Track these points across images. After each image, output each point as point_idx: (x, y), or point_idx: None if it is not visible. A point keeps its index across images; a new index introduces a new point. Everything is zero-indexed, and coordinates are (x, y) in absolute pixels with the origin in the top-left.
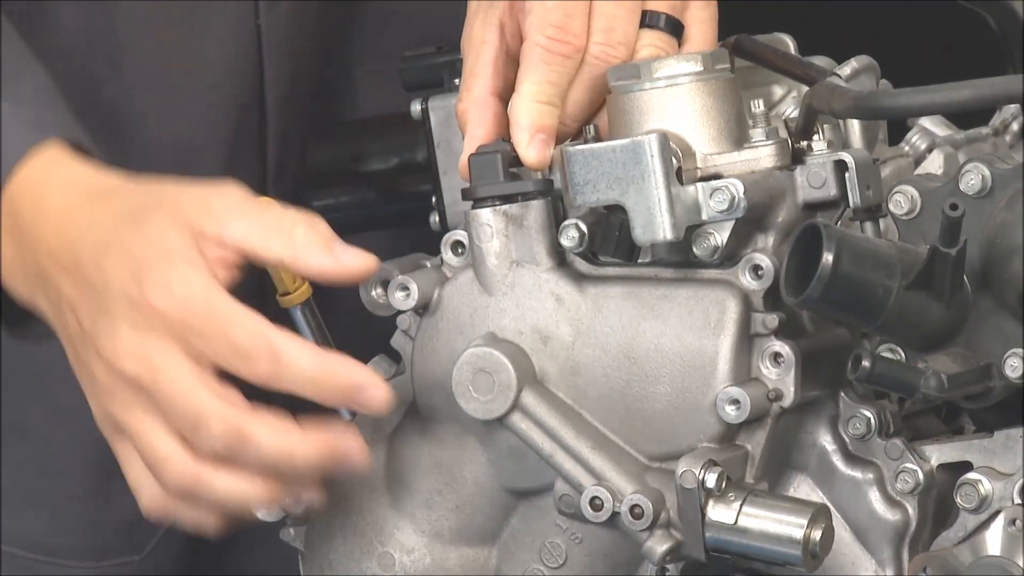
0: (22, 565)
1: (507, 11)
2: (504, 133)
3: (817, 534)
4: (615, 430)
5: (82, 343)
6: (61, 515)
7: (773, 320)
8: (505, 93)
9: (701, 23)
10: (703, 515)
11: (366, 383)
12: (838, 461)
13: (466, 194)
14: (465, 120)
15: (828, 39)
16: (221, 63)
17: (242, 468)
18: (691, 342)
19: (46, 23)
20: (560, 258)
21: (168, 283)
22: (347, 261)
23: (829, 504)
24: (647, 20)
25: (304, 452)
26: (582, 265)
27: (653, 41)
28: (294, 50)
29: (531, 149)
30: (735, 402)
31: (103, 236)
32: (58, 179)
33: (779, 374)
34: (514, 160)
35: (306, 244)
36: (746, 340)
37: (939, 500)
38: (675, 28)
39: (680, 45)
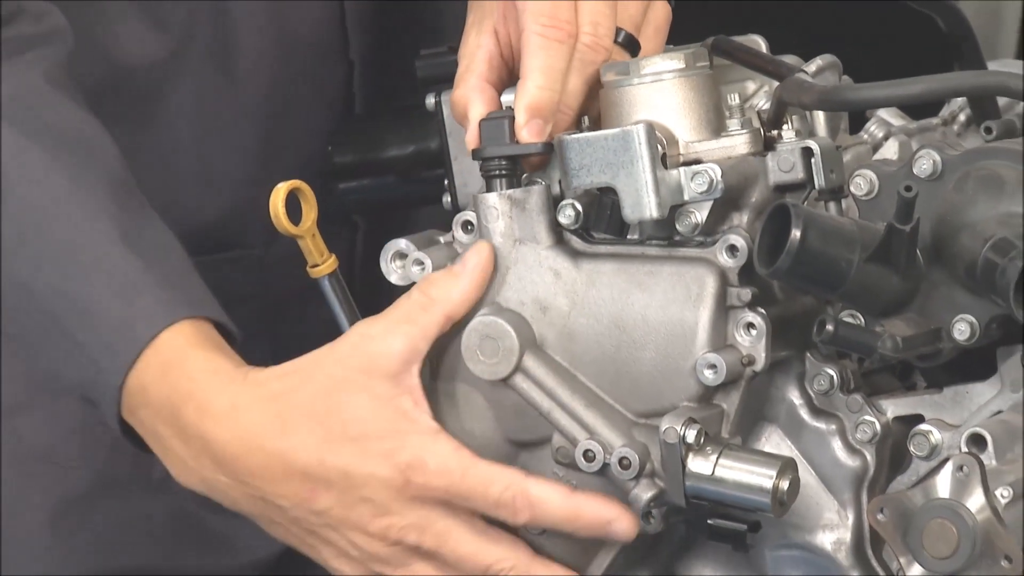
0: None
1: (500, 19)
2: None
3: (785, 484)
4: (606, 390)
5: (332, 529)
6: None
7: (747, 294)
8: (499, 87)
9: (653, 36)
10: (683, 466)
11: (614, 517)
12: (804, 414)
13: (475, 154)
14: (465, 103)
15: (796, 40)
16: (316, 113)
17: None
18: (674, 313)
19: (162, 108)
20: (558, 237)
21: (422, 460)
22: (469, 266)
23: (797, 452)
24: None
25: None
26: (577, 243)
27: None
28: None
29: (526, 130)
30: (712, 367)
31: (311, 437)
32: (216, 380)
33: (752, 341)
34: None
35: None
36: (723, 311)
37: (894, 448)
38: (630, 43)
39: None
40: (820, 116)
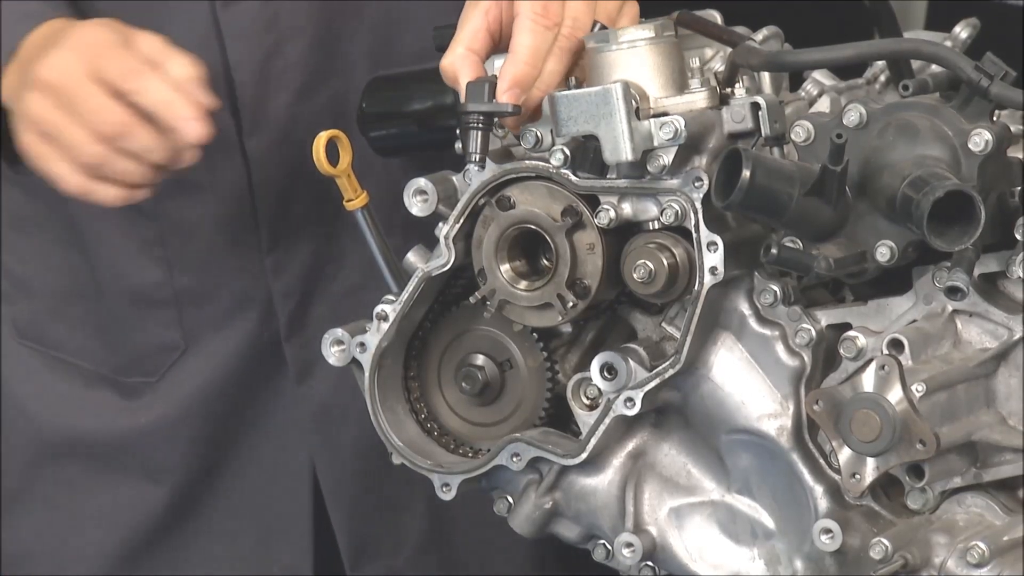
0: None
1: (495, 2)
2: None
3: None
4: None
5: (22, 87)
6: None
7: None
8: (483, 56)
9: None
10: None
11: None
12: (753, 322)
13: (458, 109)
14: (453, 70)
15: (745, 13)
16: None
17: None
18: None
19: None
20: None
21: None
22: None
23: (747, 354)
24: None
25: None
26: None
27: None
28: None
29: (506, 96)
30: None
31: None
32: (47, 29)
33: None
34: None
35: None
36: None
37: (827, 351)
38: None
39: None
40: (766, 76)
